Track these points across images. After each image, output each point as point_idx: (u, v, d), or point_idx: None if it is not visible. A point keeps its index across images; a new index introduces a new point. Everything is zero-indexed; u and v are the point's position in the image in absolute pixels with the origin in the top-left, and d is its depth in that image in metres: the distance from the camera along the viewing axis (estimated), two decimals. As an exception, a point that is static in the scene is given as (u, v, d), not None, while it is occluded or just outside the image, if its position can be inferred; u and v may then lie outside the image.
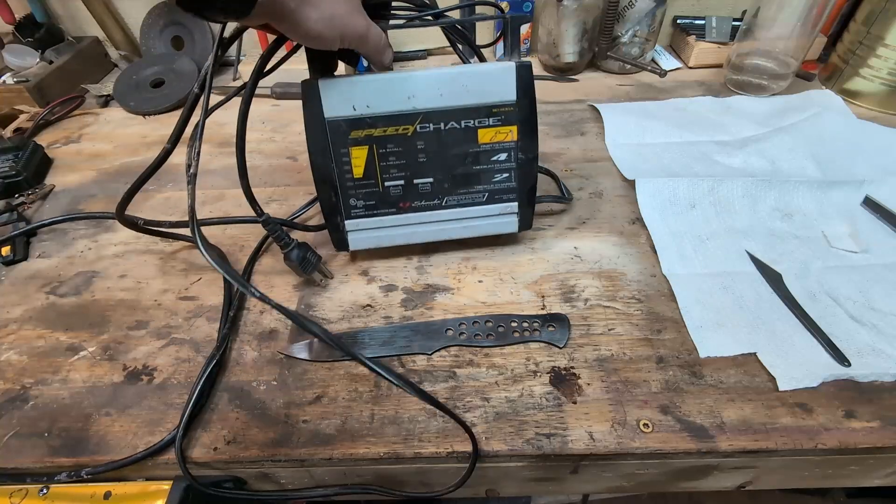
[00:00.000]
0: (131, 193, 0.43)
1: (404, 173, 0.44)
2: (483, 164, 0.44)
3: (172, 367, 0.42)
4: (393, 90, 0.41)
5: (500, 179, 0.45)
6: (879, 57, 0.65)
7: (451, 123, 0.42)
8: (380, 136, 0.42)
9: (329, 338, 0.32)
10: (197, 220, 0.37)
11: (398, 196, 0.45)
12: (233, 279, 0.34)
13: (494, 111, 0.42)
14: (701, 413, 0.37)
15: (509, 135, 0.43)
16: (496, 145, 0.43)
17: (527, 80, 0.42)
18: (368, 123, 0.41)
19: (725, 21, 0.79)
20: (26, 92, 0.76)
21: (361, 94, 0.41)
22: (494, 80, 0.41)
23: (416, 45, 0.87)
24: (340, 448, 0.36)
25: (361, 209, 0.45)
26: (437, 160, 0.43)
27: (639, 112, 0.69)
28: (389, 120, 0.41)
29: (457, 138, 0.43)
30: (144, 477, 0.38)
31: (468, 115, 0.42)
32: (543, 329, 0.43)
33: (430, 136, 0.42)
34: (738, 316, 0.43)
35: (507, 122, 0.43)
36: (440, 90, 0.41)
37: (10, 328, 0.46)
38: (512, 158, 0.44)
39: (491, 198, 0.46)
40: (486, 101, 0.42)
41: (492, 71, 0.41)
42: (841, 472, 0.40)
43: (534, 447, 0.36)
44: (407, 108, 0.41)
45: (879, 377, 0.38)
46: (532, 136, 0.44)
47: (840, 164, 0.59)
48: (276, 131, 0.71)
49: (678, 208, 0.53)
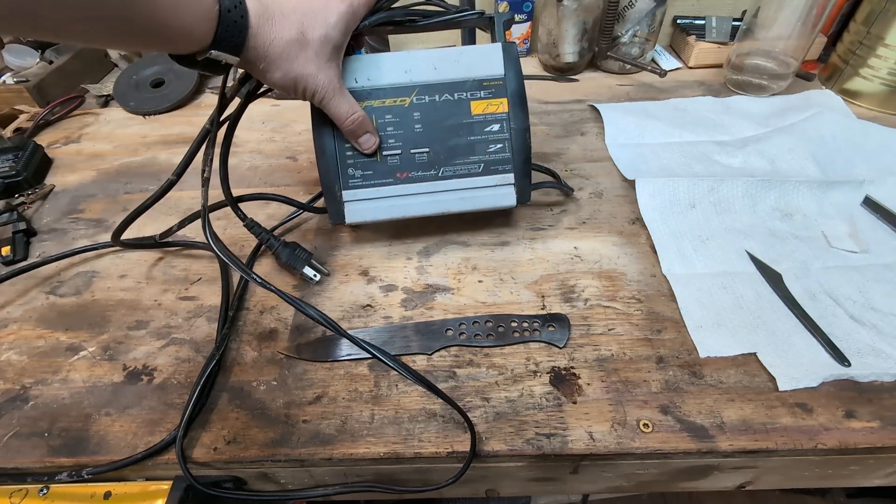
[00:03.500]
0: (130, 220, 0.44)
1: (401, 143, 0.45)
2: (477, 134, 0.46)
3: (172, 367, 0.42)
4: (392, 65, 0.45)
5: (495, 150, 0.46)
6: (879, 57, 0.65)
7: (446, 95, 0.45)
8: (379, 107, 0.45)
9: (327, 321, 0.34)
10: (210, 221, 0.40)
11: (395, 166, 0.46)
12: (237, 266, 0.39)
13: (485, 84, 0.46)
14: (701, 413, 0.37)
15: (500, 106, 0.46)
16: (489, 116, 0.46)
17: (513, 55, 0.46)
18: (368, 94, 0.45)
19: (725, 21, 0.79)
20: (26, 92, 0.76)
21: (364, 69, 0.44)
22: (483, 56, 0.46)
23: (416, 45, 0.87)
24: (340, 448, 0.36)
25: (359, 179, 0.46)
26: (433, 130, 0.46)
27: (639, 112, 0.69)
28: (388, 92, 0.45)
29: (451, 109, 0.46)
30: (144, 477, 0.38)
31: (461, 87, 0.46)
32: (543, 329, 0.43)
33: (426, 107, 0.45)
34: (737, 316, 0.43)
35: (497, 94, 0.46)
36: (434, 65, 0.45)
37: (10, 328, 0.46)
38: (504, 129, 0.46)
39: (487, 168, 0.47)
40: (476, 76, 0.46)
41: (480, 49, 0.46)
42: (841, 472, 0.40)
43: (534, 447, 0.36)
44: (404, 81, 0.45)
45: (879, 377, 0.38)
46: (522, 108, 0.46)
47: (840, 164, 0.59)
48: (276, 131, 0.71)
49: (678, 208, 0.53)
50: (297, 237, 0.54)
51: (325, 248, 0.52)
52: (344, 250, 0.52)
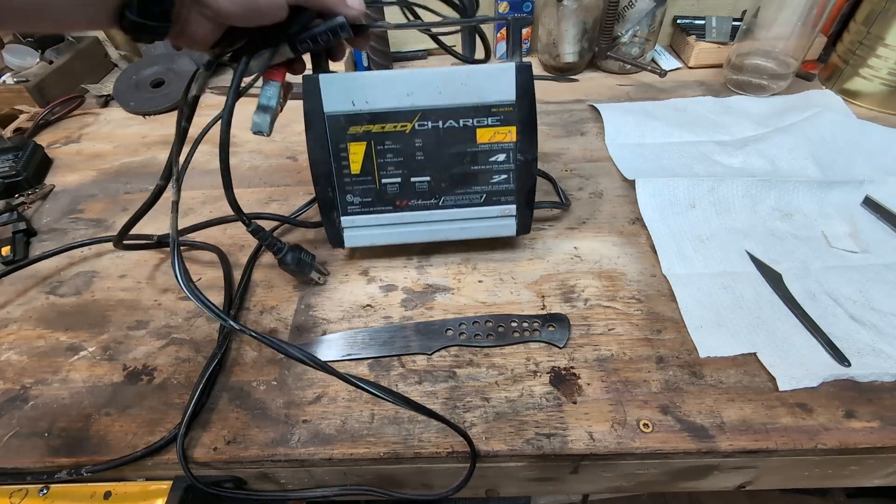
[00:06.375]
0: (129, 226, 0.43)
1: (401, 171, 0.44)
2: (481, 164, 0.44)
3: (172, 367, 0.42)
4: (392, 86, 0.41)
5: (499, 181, 0.45)
6: (879, 57, 0.65)
7: (450, 122, 0.42)
8: (378, 133, 0.42)
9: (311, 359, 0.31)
10: (180, 253, 0.36)
11: (395, 194, 0.45)
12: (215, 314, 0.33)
13: (493, 111, 0.42)
14: (701, 413, 0.37)
15: (508, 135, 0.43)
16: (495, 146, 0.43)
17: (527, 80, 0.41)
18: (367, 119, 0.42)
19: (725, 21, 0.79)
20: (26, 92, 0.76)
21: (361, 90, 0.41)
22: (493, 80, 0.41)
23: (416, 44, 0.87)
24: (340, 448, 0.36)
25: (358, 206, 0.45)
26: (435, 158, 0.43)
27: (639, 112, 0.69)
28: (388, 116, 0.42)
29: (455, 137, 0.43)
30: (144, 477, 0.38)
31: (467, 113, 0.42)
32: (543, 329, 0.43)
33: (429, 133, 0.42)
34: (737, 316, 0.43)
35: (506, 122, 0.42)
36: (439, 88, 0.41)
37: (10, 328, 0.46)
38: (511, 160, 0.44)
39: (489, 199, 0.45)
40: (485, 101, 0.42)
41: (491, 71, 0.41)
42: (841, 472, 0.40)
43: (534, 447, 0.36)
44: (406, 104, 0.41)
45: (879, 377, 0.38)
46: (531, 138, 0.43)
47: (840, 164, 0.59)
48: (275, 131, 0.71)
49: (678, 208, 0.53)
50: (298, 236, 0.54)
51: (326, 247, 0.52)
52: (344, 250, 0.52)
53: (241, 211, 0.40)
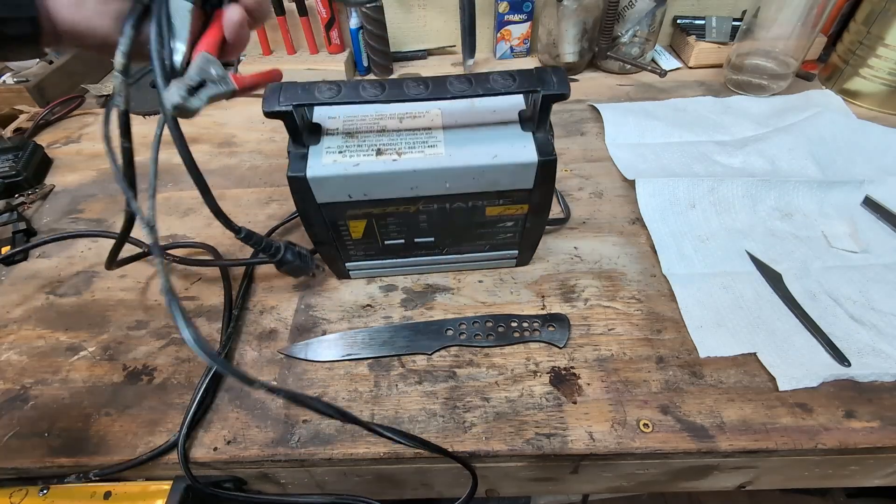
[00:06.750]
0: (116, 252, 0.41)
1: (405, 235, 0.43)
2: (488, 228, 0.43)
3: (172, 367, 0.42)
4: (393, 184, 0.37)
5: (504, 237, 0.45)
6: (879, 57, 0.65)
7: (458, 204, 0.40)
8: (379, 213, 0.40)
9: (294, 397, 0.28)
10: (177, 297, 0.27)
11: (399, 249, 0.45)
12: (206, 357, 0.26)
13: (506, 194, 0.39)
14: (701, 413, 0.37)
15: (519, 210, 0.41)
16: (504, 216, 0.42)
17: (550, 173, 0.37)
18: (367, 205, 0.39)
19: (725, 21, 0.79)
20: (26, 92, 0.76)
21: (357, 186, 0.37)
22: (511, 175, 0.37)
23: (416, 44, 0.87)
24: (340, 448, 0.36)
25: (361, 256, 0.46)
26: (440, 226, 0.42)
27: (639, 112, 0.69)
28: (390, 203, 0.39)
29: (462, 213, 0.41)
30: (144, 477, 0.38)
31: (477, 198, 0.39)
32: (543, 329, 0.43)
33: (434, 212, 0.40)
34: (737, 316, 0.43)
35: (517, 201, 0.40)
36: (447, 182, 0.37)
37: (10, 328, 0.46)
38: (519, 225, 0.43)
39: (493, 248, 0.46)
40: (498, 189, 0.38)
41: (509, 168, 0.36)
42: (841, 472, 0.40)
43: (534, 447, 0.36)
44: (409, 195, 0.38)
45: (879, 377, 0.38)
46: (544, 212, 0.41)
47: (840, 164, 0.59)
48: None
49: (678, 208, 0.53)
50: (298, 236, 0.54)
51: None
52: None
53: (227, 219, 0.35)
